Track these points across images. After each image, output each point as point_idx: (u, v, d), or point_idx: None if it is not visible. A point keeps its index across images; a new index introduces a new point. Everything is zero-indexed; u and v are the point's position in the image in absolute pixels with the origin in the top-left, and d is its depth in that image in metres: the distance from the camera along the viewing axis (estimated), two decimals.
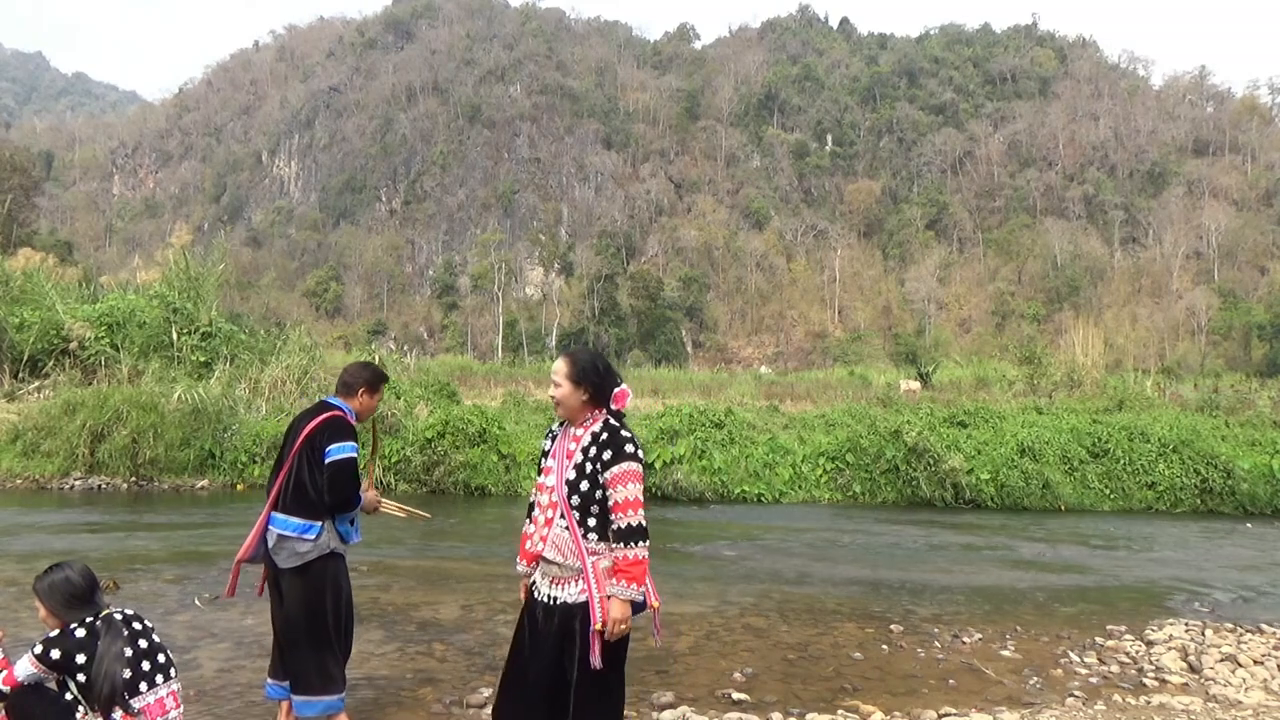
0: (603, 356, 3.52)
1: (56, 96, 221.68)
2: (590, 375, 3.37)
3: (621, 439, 3.28)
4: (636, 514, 3.24)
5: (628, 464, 3.25)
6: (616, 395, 3.40)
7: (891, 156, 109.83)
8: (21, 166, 54.20)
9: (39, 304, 19.81)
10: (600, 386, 3.37)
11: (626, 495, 3.23)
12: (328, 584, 4.07)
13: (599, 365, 3.41)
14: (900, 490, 14.56)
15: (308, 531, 4.02)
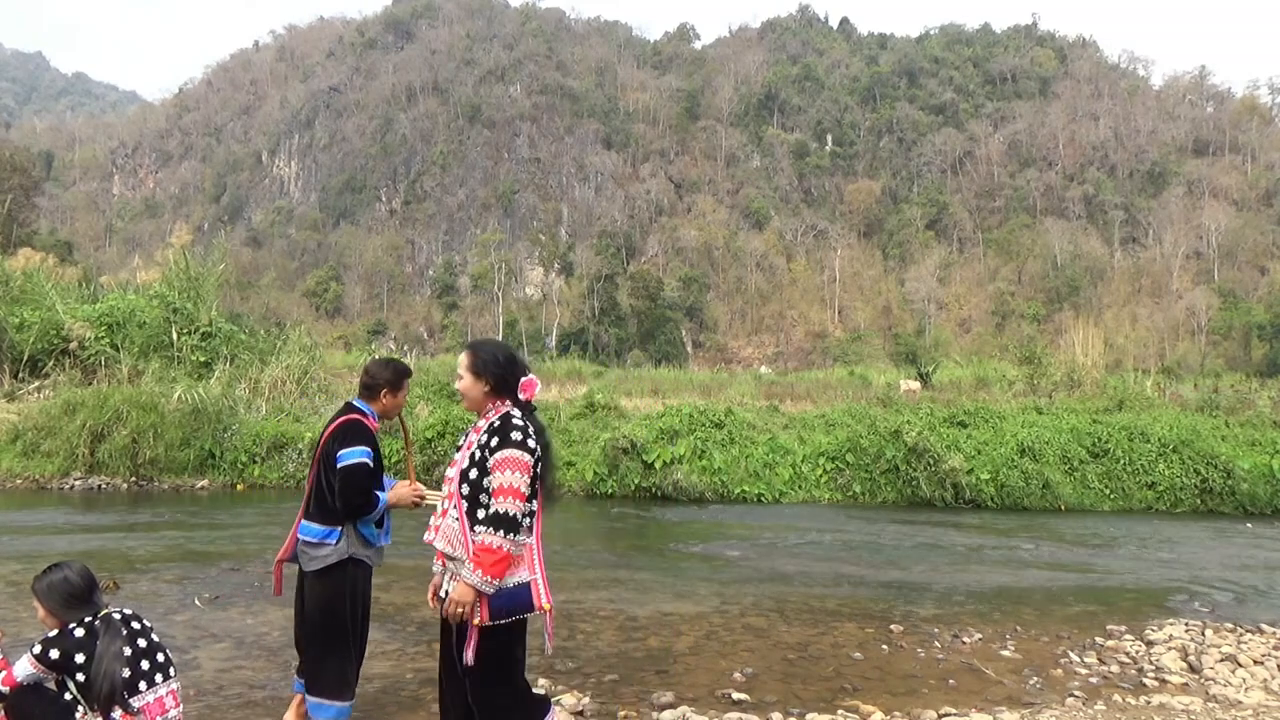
0: (507, 348, 3.49)
1: (56, 96, 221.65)
2: (490, 367, 3.36)
3: (512, 426, 3.23)
4: (507, 501, 3.13)
5: (511, 450, 3.17)
6: (523, 385, 3.37)
7: (891, 156, 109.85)
8: (21, 166, 54.20)
9: (39, 304, 19.82)
10: (502, 378, 3.35)
11: (503, 481, 3.14)
12: (346, 589, 4.06)
13: (499, 356, 3.39)
14: (900, 490, 14.55)
15: (328, 537, 4.02)
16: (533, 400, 3.41)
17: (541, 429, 3.36)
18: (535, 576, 3.25)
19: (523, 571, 3.23)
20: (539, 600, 3.24)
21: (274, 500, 13.21)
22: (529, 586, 3.23)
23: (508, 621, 3.21)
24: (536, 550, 3.28)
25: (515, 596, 3.20)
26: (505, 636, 3.24)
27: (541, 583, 3.26)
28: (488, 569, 3.10)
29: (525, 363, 3.44)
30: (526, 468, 3.18)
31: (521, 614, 3.23)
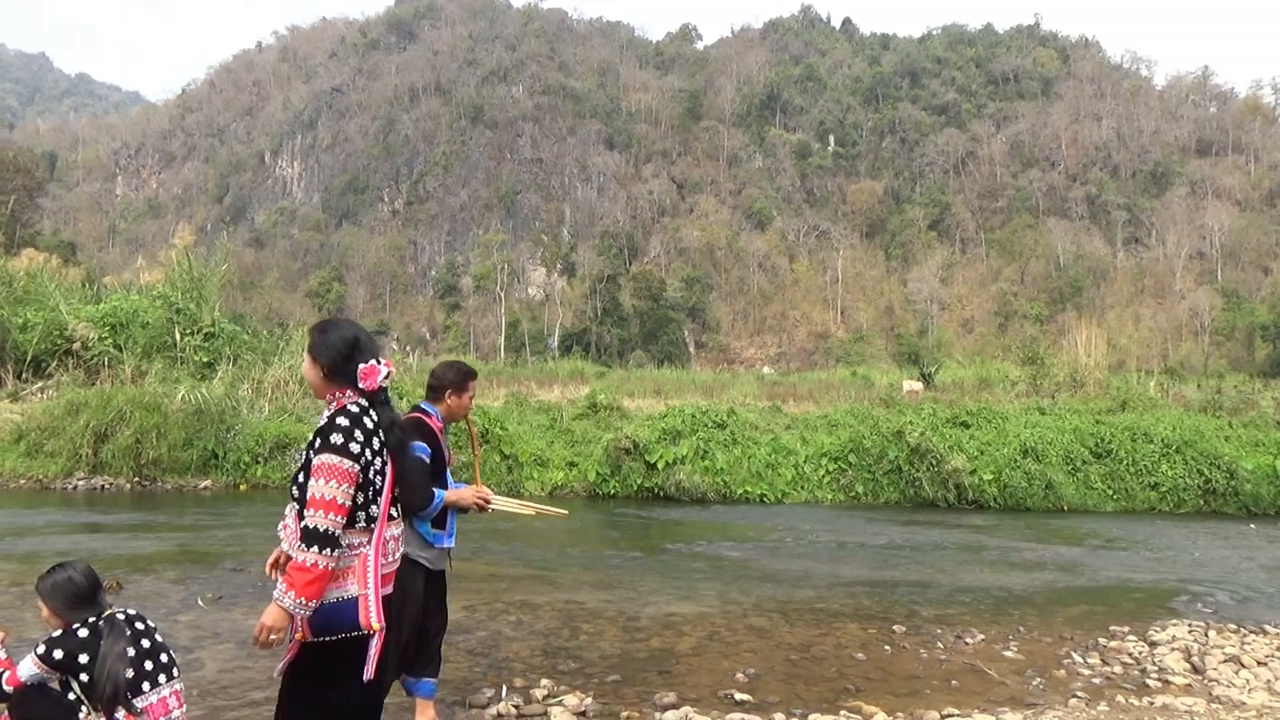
0: (352, 329, 3.06)
1: (60, 97, 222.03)
2: (323, 350, 2.98)
3: (335, 427, 2.84)
4: (318, 515, 2.75)
5: (327, 456, 2.79)
6: (362, 373, 2.95)
7: (894, 157, 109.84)
8: (25, 167, 54.31)
9: (42, 304, 19.86)
10: (334, 362, 2.95)
11: (315, 492, 2.78)
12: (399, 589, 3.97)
13: (336, 338, 2.99)
14: (903, 491, 14.54)
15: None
16: (376, 389, 2.98)
17: (391, 424, 2.99)
18: (366, 591, 2.86)
19: (350, 585, 2.86)
20: (367, 619, 2.85)
21: (277, 500, 13.21)
22: (355, 603, 2.85)
23: (333, 640, 2.86)
24: (374, 561, 2.91)
25: (337, 613, 2.84)
26: (331, 656, 2.88)
27: (373, 598, 2.87)
28: (300, 589, 2.73)
29: (375, 346, 3.05)
30: (346, 475, 2.79)
31: (346, 632, 2.85)
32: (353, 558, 2.88)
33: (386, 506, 2.98)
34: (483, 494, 4.25)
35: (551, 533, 11.09)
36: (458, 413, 4.33)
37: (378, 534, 2.93)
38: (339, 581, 2.85)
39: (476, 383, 4.44)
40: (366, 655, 2.88)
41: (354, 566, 2.88)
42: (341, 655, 2.88)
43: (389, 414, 3.03)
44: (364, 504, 2.90)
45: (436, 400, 4.29)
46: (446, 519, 4.17)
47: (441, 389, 4.28)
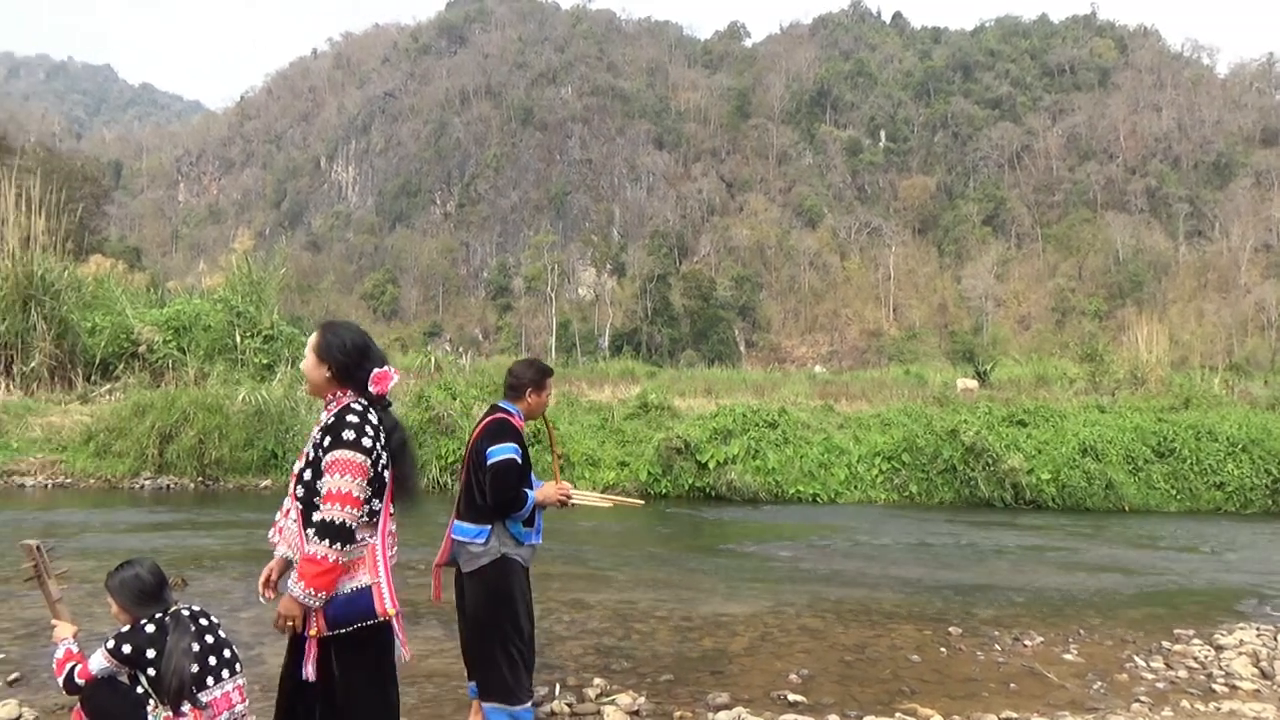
0: (360, 334, 3.18)
1: (124, 107, 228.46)
2: (334, 351, 3.08)
3: (345, 424, 2.95)
4: (335, 508, 2.86)
5: (342, 451, 2.90)
6: (375, 378, 3.09)
7: (946, 152, 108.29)
8: (92, 176, 55.86)
9: (110, 309, 20.44)
10: (345, 366, 3.07)
11: (333, 486, 2.88)
12: (502, 588, 4.06)
13: (348, 341, 3.10)
14: (958, 490, 14.35)
15: (479, 536, 4.05)
16: (385, 394, 3.14)
17: (394, 426, 3.13)
18: (378, 580, 2.99)
19: (361, 575, 2.98)
20: (381, 605, 2.97)
21: None
22: (369, 591, 2.97)
23: (351, 630, 2.98)
24: (381, 552, 3.03)
25: (353, 604, 2.96)
26: (356, 645, 3.01)
27: (385, 586, 2.99)
28: (311, 581, 2.86)
29: (382, 354, 3.19)
30: (360, 470, 2.92)
31: (362, 621, 2.97)
32: (361, 549, 2.99)
33: (389, 502, 3.10)
34: (563, 490, 4.29)
35: (603, 532, 11.13)
36: (536, 410, 4.36)
37: (383, 526, 3.06)
38: (351, 573, 2.96)
39: (553, 380, 4.47)
40: (387, 640, 3.08)
41: (364, 557, 2.99)
42: (364, 644, 3.02)
43: (391, 417, 3.16)
44: (369, 499, 3.00)
45: (517, 399, 4.30)
46: (535, 517, 4.20)
47: (522, 387, 4.30)
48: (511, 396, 4.31)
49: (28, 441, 15.06)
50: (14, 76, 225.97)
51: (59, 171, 40.39)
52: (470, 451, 4.17)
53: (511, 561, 4.08)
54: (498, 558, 4.04)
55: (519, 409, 4.28)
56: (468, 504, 4.11)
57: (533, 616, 4.27)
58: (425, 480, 14.45)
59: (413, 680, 4.97)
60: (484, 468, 4.03)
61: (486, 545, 4.03)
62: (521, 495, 4.03)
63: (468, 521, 4.08)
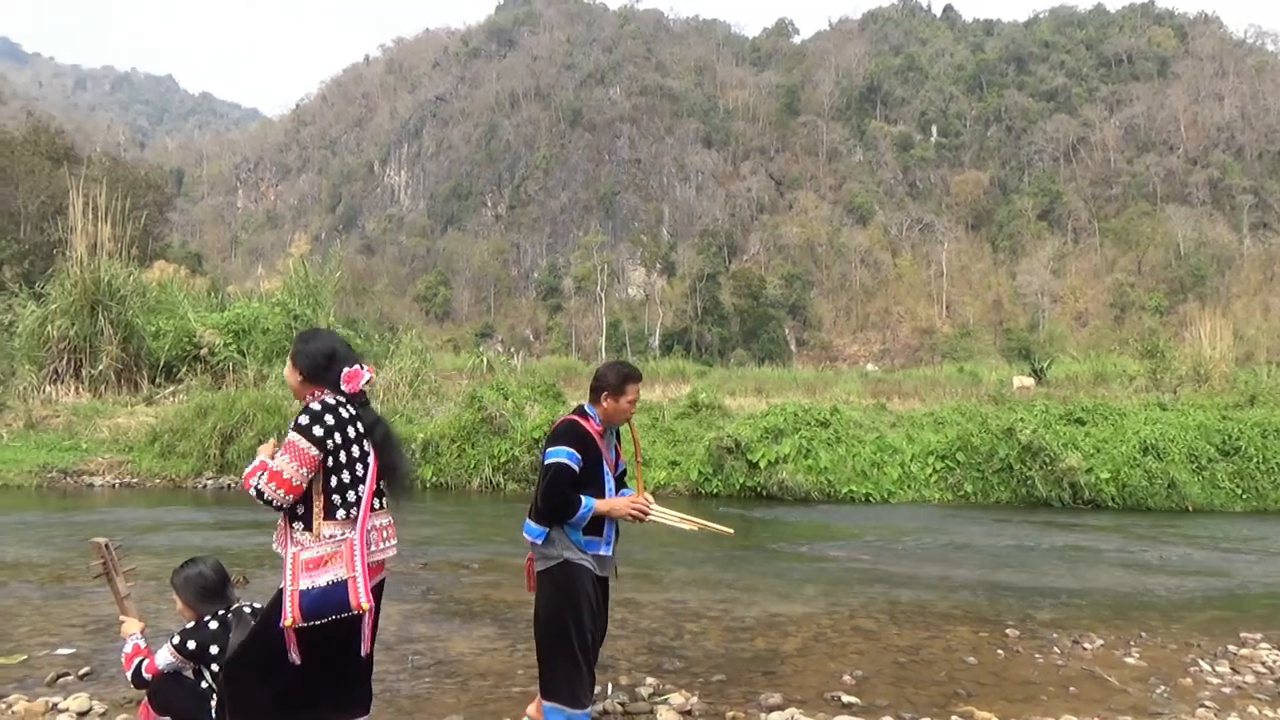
0: (331, 340, 3.37)
1: (185, 116, 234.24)
2: (303, 358, 3.27)
3: (303, 411, 3.14)
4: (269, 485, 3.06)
5: (292, 435, 3.08)
6: (346, 376, 3.24)
7: (1000, 146, 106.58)
8: (155, 184, 57.29)
9: (173, 313, 21.00)
10: (313, 368, 3.25)
11: (274, 465, 3.07)
12: (566, 592, 3.96)
13: (314, 347, 3.29)
14: (1014, 490, 14.12)
15: (539, 537, 3.99)
16: (358, 391, 3.27)
17: (375, 421, 3.27)
18: (354, 574, 3.05)
19: (338, 569, 3.05)
20: (356, 599, 3.03)
21: None
22: (345, 585, 3.04)
23: (325, 622, 3.04)
24: (359, 547, 3.10)
25: (328, 596, 3.02)
26: (324, 638, 3.07)
27: (361, 580, 3.05)
28: (257, 469, 3.11)
29: (354, 355, 3.34)
30: (304, 457, 3.05)
31: (337, 614, 3.03)
32: (340, 544, 3.09)
33: (370, 497, 3.20)
34: (639, 504, 4.11)
35: (654, 532, 11.15)
36: (616, 416, 4.18)
37: (361, 522, 3.14)
38: (328, 566, 3.06)
39: (639, 386, 4.24)
40: (359, 634, 3.14)
41: (341, 552, 3.08)
42: (336, 636, 3.09)
43: (371, 414, 3.31)
44: (339, 489, 3.15)
45: (595, 401, 4.17)
46: (604, 526, 4.07)
47: (599, 390, 4.15)
48: (591, 398, 4.20)
49: (96, 442, 15.52)
50: (81, 88, 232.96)
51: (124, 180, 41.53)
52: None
53: (576, 567, 3.97)
54: (560, 561, 3.96)
55: (596, 412, 4.15)
56: (534, 504, 4.06)
57: (600, 625, 4.14)
58: (478, 480, 14.61)
59: (466, 678, 5.03)
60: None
61: (546, 547, 3.98)
62: (573, 501, 3.91)
63: (533, 520, 4.04)
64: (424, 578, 7.76)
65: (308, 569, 3.03)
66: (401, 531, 3.52)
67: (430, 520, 11.74)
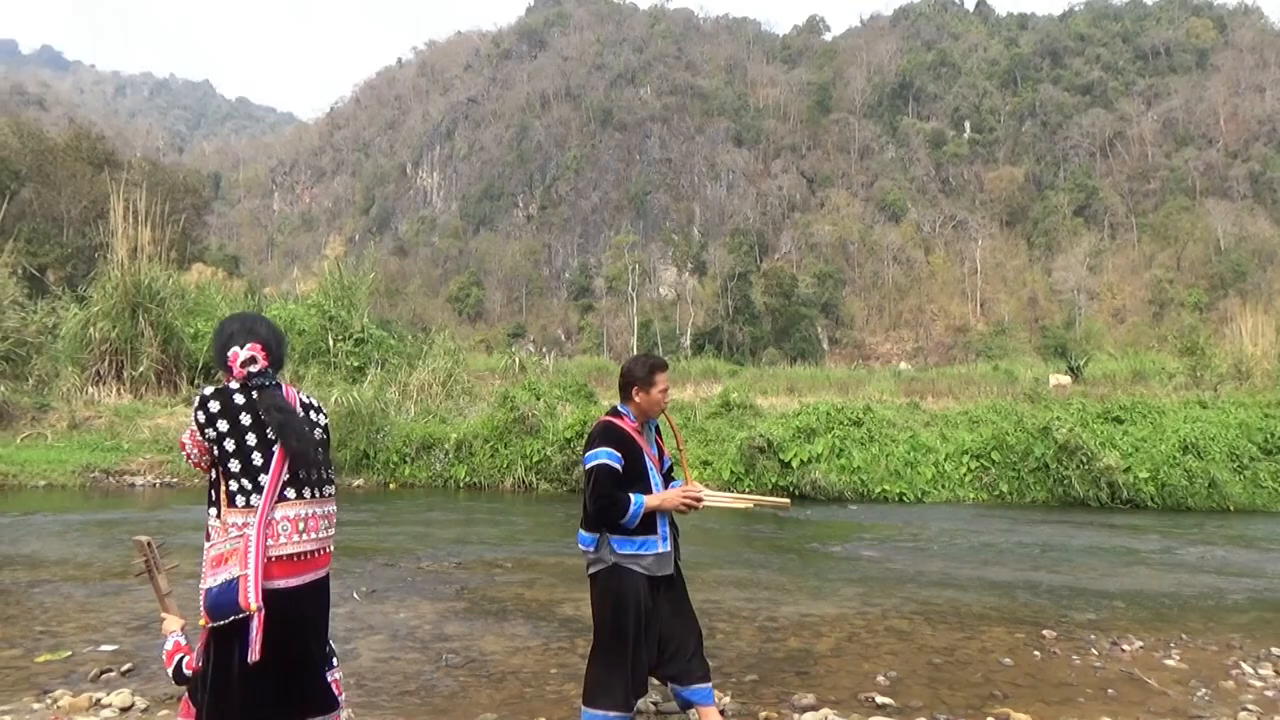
0: (235, 322, 3.22)
1: (222, 120, 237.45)
2: (213, 346, 3.23)
3: (195, 398, 3.10)
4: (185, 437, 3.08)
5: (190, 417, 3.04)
6: (229, 358, 3.11)
7: (1035, 141, 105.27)
8: (194, 188, 58.20)
9: (211, 315, 21.34)
10: (216, 355, 3.19)
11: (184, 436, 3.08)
12: (609, 597, 3.91)
13: (219, 333, 3.21)
14: (1051, 489, 13.97)
15: (589, 544, 3.95)
16: (245, 375, 3.06)
17: (270, 406, 3.02)
18: (246, 572, 2.83)
19: (234, 566, 2.86)
20: (245, 598, 2.80)
21: (424, 499, 13.77)
22: (237, 583, 2.83)
23: (226, 624, 2.84)
24: (256, 543, 2.86)
25: (224, 595, 2.84)
26: (233, 641, 2.86)
27: (253, 579, 2.82)
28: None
29: (250, 334, 3.14)
30: (191, 435, 3.06)
31: (233, 615, 2.82)
32: (239, 538, 2.89)
33: (273, 485, 2.95)
34: (691, 493, 4.04)
35: (686, 531, 11.14)
36: (650, 410, 4.09)
37: (261, 513, 2.90)
38: (227, 564, 2.87)
39: (667, 374, 4.17)
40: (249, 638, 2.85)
41: (238, 548, 2.88)
42: (238, 639, 2.86)
43: (268, 397, 3.04)
44: (233, 476, 2.94)
45: (626, 398, 4.10)
46: (657, 523, 3.99)
47: (628, 386, 4.08)
48: (622, 397, 4.13)
49: (137, 443, 15.80)
50: (121, 95, 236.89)
51: (163, 184, 42.24)
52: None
53: (625, 571, 3.89)
54: (609, 566, 3.90)
55: (630, 409, 4.08)
56: (583, 511, 3.98)
57: (651, 630, 3.98)
58: (510, 480, 14.69)
59: (499, 677, 5.06)
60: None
61: (597, 553, 3.92)
62: (620, 501, 3.83)
63: (583, 529, 3.97)
64: (457, 577, 7.81)
65: (212, 566, 2.89)
66: (436, 531, 3.52)
67: (463, 520, 11.82)
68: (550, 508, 13.08)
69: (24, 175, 43.82)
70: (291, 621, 2.95)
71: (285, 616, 2.91)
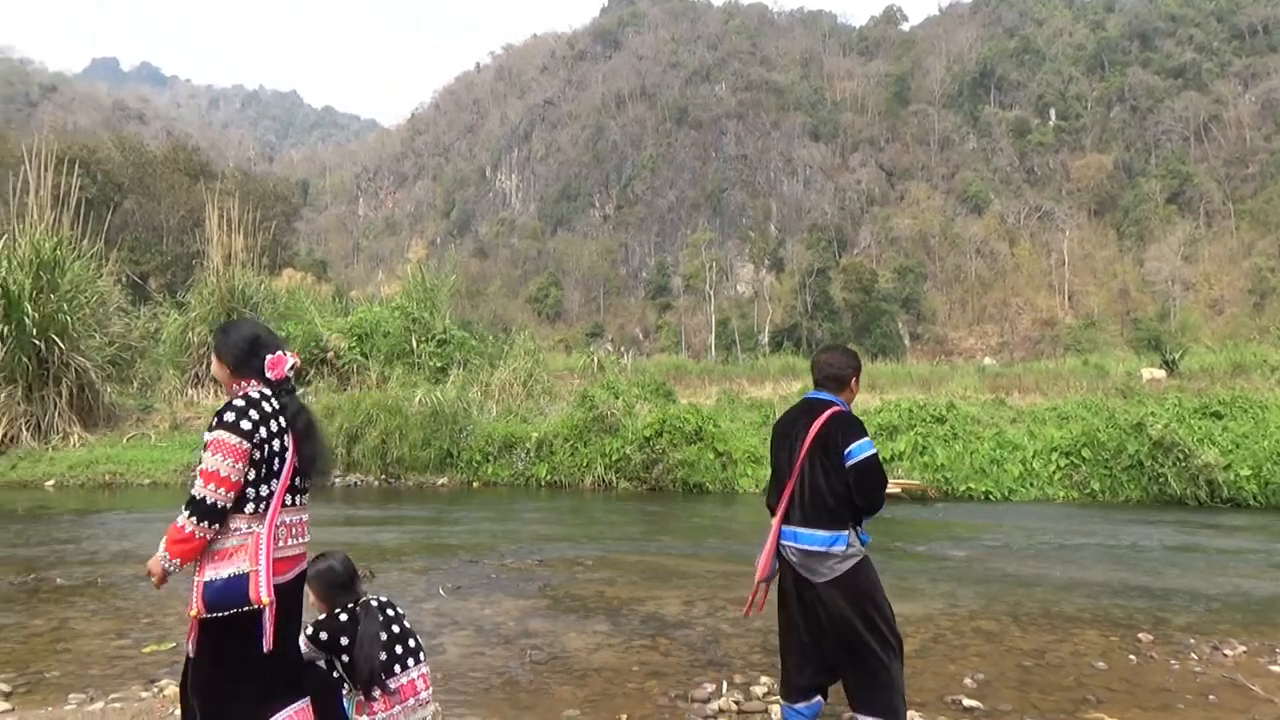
0: (250, 327, 3.28)
1: (309, 129, 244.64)
2: (227, 349, 3.20)
3: (229, 407, 3.04)
4: (203, 486, 2.93)
5: (218, 432, 2.98)
6: (270, 363, 3.16)
7: (1124, 127, 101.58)
8: (283, 195, 60.16)
9: (301, 318, 22.02)
10: (238, 358, 3.18)
11: (207, 465, 2.95)
12: (879, 587, 3.82)
13: (235, 337, 3.21)
14: (1145, 488, 13.51)
15: (836, 543, 3.74)
16: (283, 378, 3.19)
17: (298, 410, 3.17)
18: (257, 568, 2.98)
19: (241, 562, 2.99)
20: (256, 593, 2.96)
21: (506, 497, 13.97)
22: (247, 578, 2.97)
23: (227, 615, 2.97)
24: (265, 541, 3.02)
25: (230, 588, 2.96)
26: (226, 631, 2.99)
27: (264, 574, 2.98)
28: (169, 547, 2.97)
29: (277, 340, 3.27)
30: (234, 451, 2.96)
31: (238, 607, 2.96)
32: (246, 537, 3.01)
33: (283, 491, 3.11)
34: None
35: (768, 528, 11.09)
36: (850, 401, 4.03)
37: (270, 516, 3.05)
38: (233, 559, 2.98)
39: None
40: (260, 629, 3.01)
41: (246, 545, 3.00)
42: (237, 630, 3.00)
43: (295, 402, 3.20)
44: (254, 483, 3.04)
45: (840, 389, 3.98)
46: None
47: (846, 377, 3.99)
48: (833, 388, 3.95)
49: None
50: (214, 108, 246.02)
51: (254, 193, 43.73)
52: (812, 449, 3.80)
53: (868, 560, 3.84)
54: (860, 559, 3.78)
55: (844, 399, 3.95)
56: (816, 509, 3.77)
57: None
58: (590, 478, 14.81)
59: (582, 674, 5.11)
60: (838, 467, 3.75)
61: (847, 550, 3.75)
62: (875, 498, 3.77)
63: (819, 528, 3.76)
64: (540, 574, 7.91)
65: (213, 560, 2.99)
66: (518, 528, 3.57)
67: (545, 518, 11.97)
68: (630, 506, 13.15)
69: (126, 187, 45.89)
70: (289, 611, 3.17)
71: (286, 606, 3.13)
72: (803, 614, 3.85)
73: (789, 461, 3.89)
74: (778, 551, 3.96)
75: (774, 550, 3.93)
